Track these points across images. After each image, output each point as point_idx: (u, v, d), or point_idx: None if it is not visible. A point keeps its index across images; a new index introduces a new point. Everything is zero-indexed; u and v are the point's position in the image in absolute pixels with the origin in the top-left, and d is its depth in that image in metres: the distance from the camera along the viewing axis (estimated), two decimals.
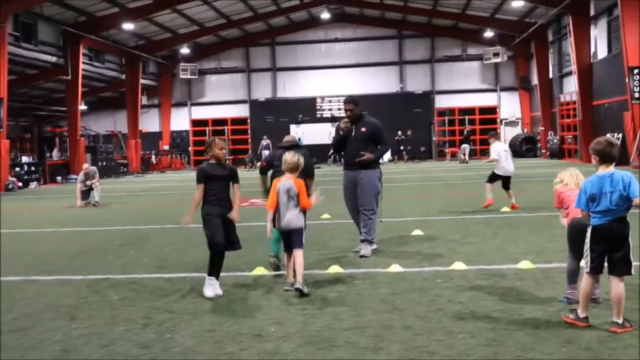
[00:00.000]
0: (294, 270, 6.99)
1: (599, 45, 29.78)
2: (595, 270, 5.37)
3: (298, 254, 7.05)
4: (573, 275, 6.08)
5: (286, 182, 7.24)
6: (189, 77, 43.62)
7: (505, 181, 13.91)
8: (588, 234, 5.35)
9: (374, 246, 9.21)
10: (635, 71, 24.28)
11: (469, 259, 8.30)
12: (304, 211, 7.28)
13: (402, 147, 40.22)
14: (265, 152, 40.85)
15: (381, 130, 9.39)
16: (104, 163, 35.43)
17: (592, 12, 29.99)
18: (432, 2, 37.03)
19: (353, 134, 9.22)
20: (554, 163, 32.70)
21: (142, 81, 40.21)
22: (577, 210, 5.64)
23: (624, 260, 5.27)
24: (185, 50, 42.01)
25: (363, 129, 9.20)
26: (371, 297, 6.62)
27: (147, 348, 5.22)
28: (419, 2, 37.63)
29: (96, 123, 44.38)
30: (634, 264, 5.39)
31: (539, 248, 8.88)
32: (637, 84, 24.33)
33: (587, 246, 5.37)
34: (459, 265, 7.83)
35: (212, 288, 6.99)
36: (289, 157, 7.36)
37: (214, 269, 7.08)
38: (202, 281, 7.66)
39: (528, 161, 34.82)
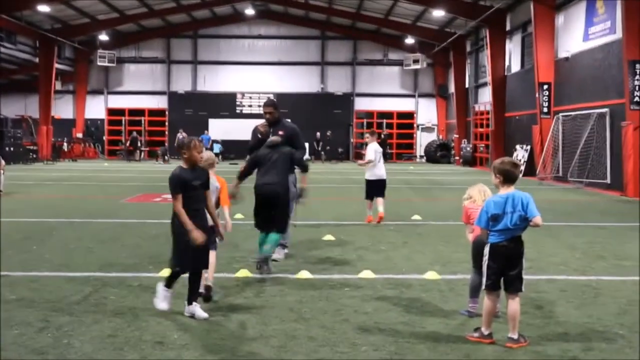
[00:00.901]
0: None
1: (513, 59, 30.80)
2: (492, 287, 5.50)
3: (211, 254, 6.94)
4: (475, 290, 6.23)
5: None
6: (107, 64, 42.48)
7: (380, 187, 12.74)
8: (486, 252, 5.50)
9: (286, 250, 9.22)
10: (545, 87, 25.27)
11: (378, 267, 8.41)
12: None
13: (320, 148, 40.43)
14: None
15: (299, 134, 9.39)
16: (12, 149, 34.07)
17: (507, 27, 31.00)
18: (356, 6, 37.38)
19: (270, 137, 9.15)
20: (466, 170, 33.62)
21: (56, 66, 38.93)
22: None
23: (518, 278, 5.45)
24: (103, 36, 40.90)
25: (281, 133, 9.15)
26: (278, 305, 6.60)
27: (42, 354, 5.02)
28: (344, 4, 37.91)
29: (5, 106, 42.45)
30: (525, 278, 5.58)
31: (446, 258, 9.10)
32: (546, 100, 25.31)
33: (485, 264, 5.52)
34: (367, 274, 7.92)
35: (167, 300, 6.27)
36: (204, 154, 7.29)
37: (192, 294, 6.21)
38: (107, 281, 7.50)
39: (442, 167, 35.67)
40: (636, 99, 18.53)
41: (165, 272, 7.88)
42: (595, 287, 7.49)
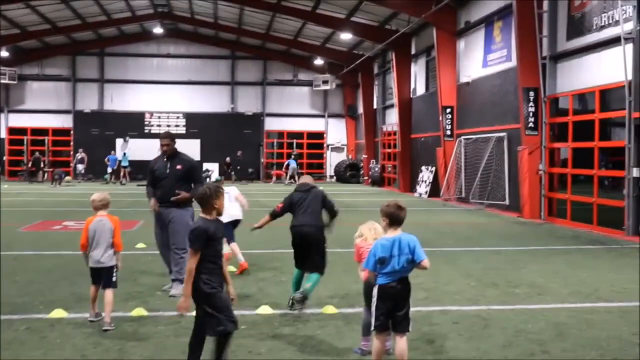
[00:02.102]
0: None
1: (418, 82, 31.64)
2: (381, 328, 5.59)
3: (108, 293, 7.23)
4: (367, 328, 6.31)
5: (101, 220, 7.43)
6: (8, 81, 40.87)
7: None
8: (375, 293, 5.59)
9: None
10: (448, 110, 26.08)
11: (276, 301, 8.41)
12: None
13: (230, 168, 40.20)
14: (80, 167, 39.26)
15: (197, 168, 9.35)
16: None
17: (413, 51, 31.85)
18: (265, 27, 37.53)
19: (168, 171, 9.06)
20: (374, 191, 34.19)
21: None
22: None
23: (405, 319, 5.55)
24: (4, 53, 39.35)
25: (179, 167, 9.07)
26: (171, 347, 6.51)
27: None
28: (253, 25, 38.00)
29: None
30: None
31: (346, 290, 9.20)
32: (449, 122, 26.11)
33: (373, 305, 5.61)
34: (264, 310, 7.91)
35: None
36: (97, 196, 7.53)
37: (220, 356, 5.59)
38: None
39: (351, 187, 36.12)
40: (530, 124, 19.37)
41: (58, 312, 7.65)
42: (486, 317, 7.74)
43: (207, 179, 38.81)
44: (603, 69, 16.51)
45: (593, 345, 6.62)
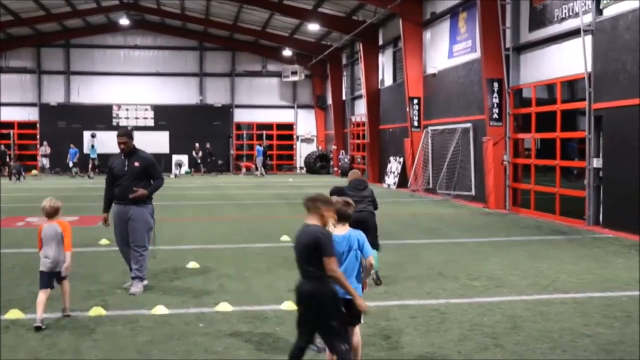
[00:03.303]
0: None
1: (385, 73, 31.72)
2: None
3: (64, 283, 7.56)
4: None
5: (52, 226, 7.53)
6: None
7: None
8: None
9: (145, 282, 9.08)
10: (415, 101, 26.20)
11: (236, 298, 8.42)
12: None
13: (199, 160, 40.02)
14: (44, 160, 38.75)
15: (155, 164, 9.27)
16: None
17: (380, 42, 31.91)
18: (233, 18, 37.31)
19: (126, 168, 9.00)
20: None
21: None
22: None
23: (356, 313, 5.60)
24: None
25: (136, 164, 9.02)
26: (128, 347, 6.49)
27: None
28: (220, 16, 37.75)
29: None
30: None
31: None
32: (416, 113, 26.24)
33: None
34: (224, 307, 7.90)
35: None
36: (47, 203, 7.70)
37: None
38: None
39: (321, 178, 36.14)
40: (495, 115, 19.55)
41: (13, 313, 7.58)
42: (444, 311, 7.83)
43: (179, 168, 38.87)
44: (564, 61, 16.71)
45: (545, 338, 6.73)
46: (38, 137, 41.56)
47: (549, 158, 17.96)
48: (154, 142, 36.89)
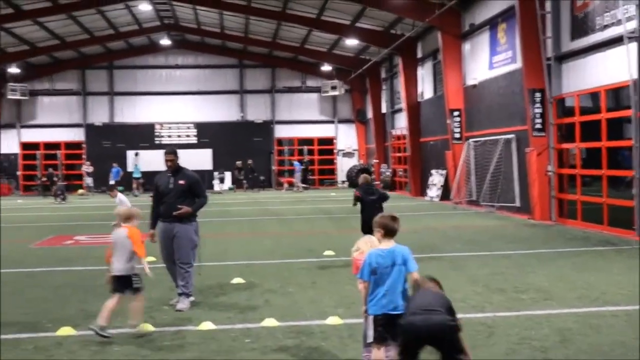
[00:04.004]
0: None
1: (425, 85, 31.62)
2: (379, 340, 5.66)
3: (139, 299, 7.71)
4: (367, 339, 6.38)
5: (120, 231, 7.78)
6: (19, 97, 41.22)
7: None
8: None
9: (192, 298, 9.17)
10: (456, 113, 26.05)
11: (282, 313, 8.45)
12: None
13: (242, 177, 40.38)
14: (88, 180, 39.44)
15: (199, 182, 9.40)
16: None
17: (419, 55, 31.85)
18: (271, 35, 37.67)
19: (171, 186, 9.15)
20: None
21: None
22: None
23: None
24: (14, 69, 39.76)
25: (181, 182, 9.16)
26: None
27: None
28: (259, 34, 38.15)
29: None
30: None
31: (351, 299, 9.19)
32: (457, 125, 26.08)
33: (371, 317, 5.68)
34: (269, 322, 7.94)
35: None
36: (119, 209, 8.19)
37: None
38: (1, 345, 7.24)
39: None
40: (537, 125, 19.30)
41: (65, 330, 7.73)
42: (491, 325, 7.74)
43: (220, 182, 39.22)
44: (608, 69, 16.42)
45: (596, 352, 6.60)
46: (84, 157, 42.43)
47: (595, 168, 17.62)
48: (197, 160, 37.31)
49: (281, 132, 44.40)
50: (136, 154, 40.59)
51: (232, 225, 20.23)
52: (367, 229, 11.06)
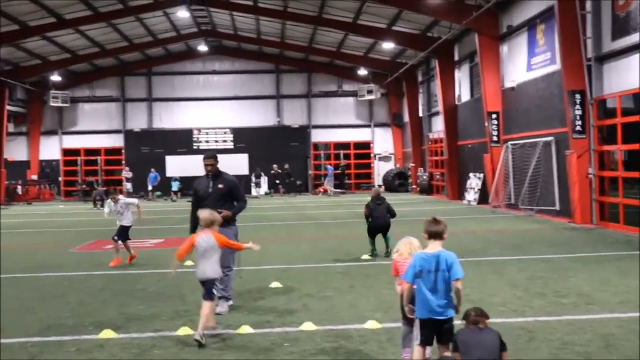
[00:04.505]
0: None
1: (462, 88, 31.39)
2: (424, 343, 5.74)
3: (205, 305, 7.58)
4: (406, 339, 6.39)
5: (205, 236, 7.86)
6: (60, 104, 42.09)
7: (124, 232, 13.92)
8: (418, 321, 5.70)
9: (231, 302, 9.22)
10: (494, 116, 25.79)
11: (320, 317, 8.44)
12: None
13: (278, 181, 40.54)
14: (127, 185, 39.91)
15: (238, 186, 9.48)
16: None
17: (456, 57, 31.63)
18: (308, 39, 37.79)
19: (210, 190, 9.22)
20: (423, 199, 33.99)
21: (8, 108, 38.38)
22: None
23: (450, 329, 5.63)
24: (56, 77, 40.58)
25: (221, 186, 9.24)
26: None
27: None
28: (296, 38, 38.31)
29: None
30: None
31: (389, 303, 9.13)
32: (495, 128, 25.81)
33: (417, 321, 5.70)
34: (308, 326, 7.94)
35: None
36: (203, 214, 8.07)
37: None
38: (45, 347, 7.38)
39: (400, 196, 35.93)
40: (577, 127, 19.02)
41: (106, 333, 7.84)
42: (531, 329, 7.63)
43: (257, 186, 39.40)
44: None
45: None
46: (123, 162, 43.07)
47: (637, 170, 17.27)
48: (234, 165, 37.57)
49: (317, 136, 44.49)
50: (175, 180, 40.27)
51: (269, 229, 20.30)
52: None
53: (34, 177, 42.89)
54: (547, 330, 7.57)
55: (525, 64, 23.63)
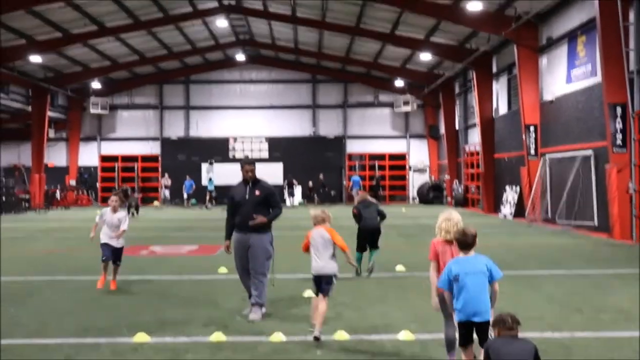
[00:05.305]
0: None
1: (500, 100, 31.11)
2: (464, 344, 5.77)
3: (322, 302, 7.80)
4: (451, 344, 6.48)
5: (320, 231, 8.26)
6: (100, 111, 42.78)
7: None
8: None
9: (264, 309, 9.22)
10: (531, 129, 25.49)
11: (353, 326, 8.40)
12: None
13: (313, 191, 40.57)
14: (166, 192, 40.32)
15: (274, 194, 9.51)
16: (4, 198, 34.11)
17: (494, 69, 31.39)
18: (345, 50, 37.85)
19: (247, 196, 9.26)
20: (458, 211, 33.63)
21: (49, 114, 39.16)
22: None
23: (486, 333, 5.65)
24: (96, 84, 41.27)
25: (257, 193, 9.27)
26: None
27: None
28: (333, 49, 38.40)
29: None
30: None
31: (423, 315, 9.06)
32: (533, 142, 25.50)
33: (456, 323, 5.79)
34: (341, 335, 7.90)
35: None
36: (314, 212, 8.70)
37: None
38: (80, 348, 7.47)
39: (434, 209, 35.66)
40: (618, 141, 18.69)
41: (140, 337, 7.89)
42: (568, 344, 7.50)
43: (291, 197, 39.47)
44: None
45: None
46: (159, 169, 43.54)
47: None
48: (268, 174, 37.62)
49: (353, 147, 44.44)
50: (210, 162, 41.24)
51: (303, 239, 20.25)
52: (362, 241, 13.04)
53: (73, 182, 43.58)
54: (585, 346, 7.43)
55: (564, 76, 23.34)
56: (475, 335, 5.72)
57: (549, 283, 11.71)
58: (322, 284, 8.00)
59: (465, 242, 5.81)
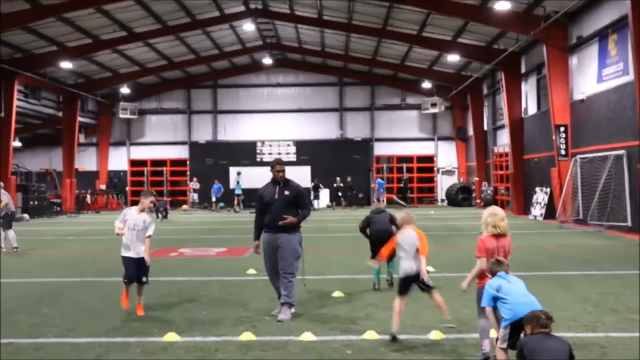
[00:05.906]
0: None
1: (529, 101, 30.79)
2: (512, 347, 5.74)
3: (435, 294, 8.10)
4: (484, 331, 6.66)
5: (409, 232, 8.17)
6: (129, 116, 43.19)
7: None
8: (507, 327, 5.77)
9: (293, 309, 9.20)
10: (562, 129, 25.16)
11: (383, 326, 8.32)
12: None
13: (340, 193, 40.49)
14: (194, 196, 40.52)
15: (304, 194, 9.49)
16: (36, 202, 34.56)
17: (523, 69, 31.08)
18: (372, 52, 37.77)
19: (276, 197, 9.25)
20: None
21: (80, 119, 39.66)
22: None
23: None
24: (125, 89, 41.70)
25: (287, 193, 9.26)
26: None
27: None
28: (359, 51, 38.34)
29: (30, 160, 43.46)
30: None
31: (454, 315, 8.96)
32: (563, 142, 25.18)
33: (506, 330, 5.77)
34: (370, 335, 7.85)
35: None
36: (401, 214, 8.66)
37: None
38: (110, 348, 7.51)
39: (463, 211, 35.45)
40: None
41: (171, 336, 7.92)
42: (603, 345, 7.37)
43: (317, 199, 39.46)
44: None
45: None
46: (188, 173, 43.82)
47: None
48: (296, 177, 37.55)
49: (380, 149, 44.31)
50: (238, 173, 41.36)
51: (332, 241, 20.26)
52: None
53: (103, 186, 44.05)
54: (620, 347, 7.30)
55: (595, 75, 23.02)
56: None
57: (582, 283, 11.53)
58: (411, 284, 7.96)
59: (494, 271, 6.21)
